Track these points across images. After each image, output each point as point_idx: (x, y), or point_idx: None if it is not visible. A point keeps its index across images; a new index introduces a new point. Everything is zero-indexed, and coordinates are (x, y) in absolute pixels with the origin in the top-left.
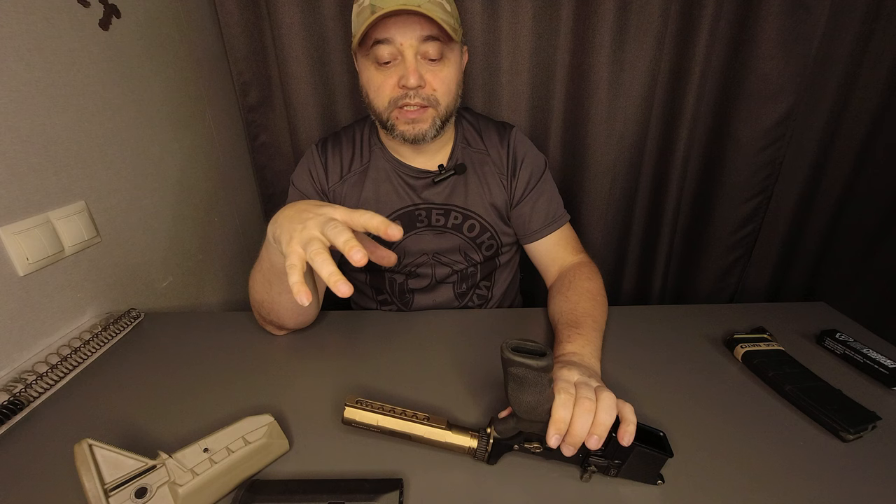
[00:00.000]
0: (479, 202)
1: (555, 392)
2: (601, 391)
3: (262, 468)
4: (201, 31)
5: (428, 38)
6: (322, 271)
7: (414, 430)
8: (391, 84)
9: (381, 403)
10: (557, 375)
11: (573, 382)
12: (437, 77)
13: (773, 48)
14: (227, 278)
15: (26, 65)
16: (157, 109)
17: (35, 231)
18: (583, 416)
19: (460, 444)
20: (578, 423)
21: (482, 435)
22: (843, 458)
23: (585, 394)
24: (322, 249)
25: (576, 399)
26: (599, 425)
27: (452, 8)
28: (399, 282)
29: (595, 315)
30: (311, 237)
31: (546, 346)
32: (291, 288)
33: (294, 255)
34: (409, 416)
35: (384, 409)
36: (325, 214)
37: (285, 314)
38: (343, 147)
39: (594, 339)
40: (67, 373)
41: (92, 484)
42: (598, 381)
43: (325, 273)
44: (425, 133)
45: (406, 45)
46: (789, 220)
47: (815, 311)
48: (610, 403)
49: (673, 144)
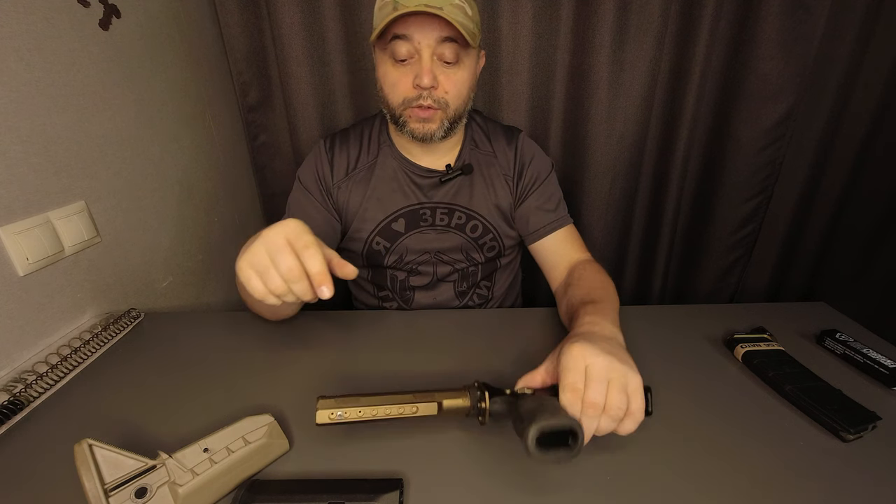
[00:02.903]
0: (484, 203)
1: (560, 392)
2: (613, 387)
3: (262, 468)
4: (201, 31)
5: (446, 39)
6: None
7: (400, 408)
8: (407, 83)
9: (355, 395)
10: (565, 364)
11: (581, 375)
12: (451, 80)
13: (773, 48)
14: (228, 278)
15: (26, 65)
16: (157, 109)
17: (35, 231)
18: (589, 422)
19: (455, 403)
20: (585, 426)
21: (472, 388)
22: (843, 458)
23: (593, 396)
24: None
25: (582, 404)
26: (602, 430)
27: (474, 12)
28: (401, 279)
29: (612, 299)
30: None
31: (573, 420)
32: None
33: (258, 293)
34: (390, 396)
35: (360, 401)
36: (274, 235)
37: (263, 312)
38: (350, 143)
39: (612, 313)
40: (67, 373)
41: (92, 484)
42: (616, 355)
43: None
44: (433, 133)
45: (424, 44)
46: (789, 220)
47: (815, 311)
48: (615, 412)
49: (673, 144)
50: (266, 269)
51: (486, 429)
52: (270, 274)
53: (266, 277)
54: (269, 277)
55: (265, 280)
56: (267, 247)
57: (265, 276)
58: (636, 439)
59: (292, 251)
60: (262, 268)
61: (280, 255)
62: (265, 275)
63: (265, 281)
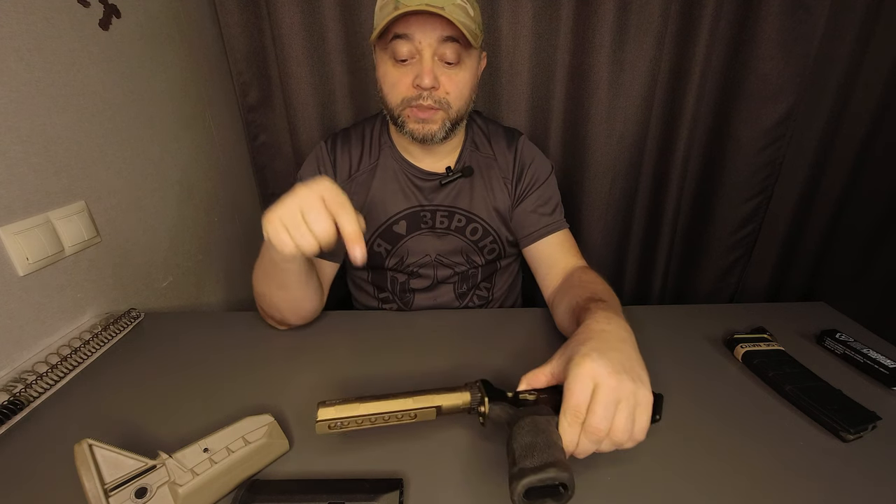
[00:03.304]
0: (483, 206)
1: (561, 413)
2: (621, 412)
3: (262, 468)
4: (201, 31)
5: (447, 39)
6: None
7: (401, 407)
8: (406, 83)
9: (355, 402)
10: (572, 381)
11: (586, 397)
12: (452, 80)
13: (773, 48)
14: (227, 278)
15: (26, 65)
16: (157, 109)
17: (35, 231)
18: (589, 446)
19: (454, 402)
20: (582, 449)
21: (472, 386)
22: (843, 458)
23: (598, 423)
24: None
25: (584, 429)
26: (601, 451)
27: (476, 13)
28: (401, 281)
29: (618, 303)
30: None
31: (562, 475)
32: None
33: (286, 246)
34: (390, 401)
35: (359, 408)
36: (309, 191)
37: (285, 309)
38: (352, 144)
39: (622, 313)
40: (67, 373)
41: (92, 484)
42: (629, 372)
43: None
44: (434, 134)
45: (425, 44)
46: (789, 220)
47: (815, 311)
48: (619, 438)
49: (673, 144)
50: (298, 224)
51: (486, 429)
52: (301, 230)
53: (296, 233)
54: (301, 234)
55: (294, 235)
56: (300, 203)
57: (296, 231)
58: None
59: (326, 209)
60: (294, 223)
61: (313, 213)
62: (296, 230)
63: (294, 236)
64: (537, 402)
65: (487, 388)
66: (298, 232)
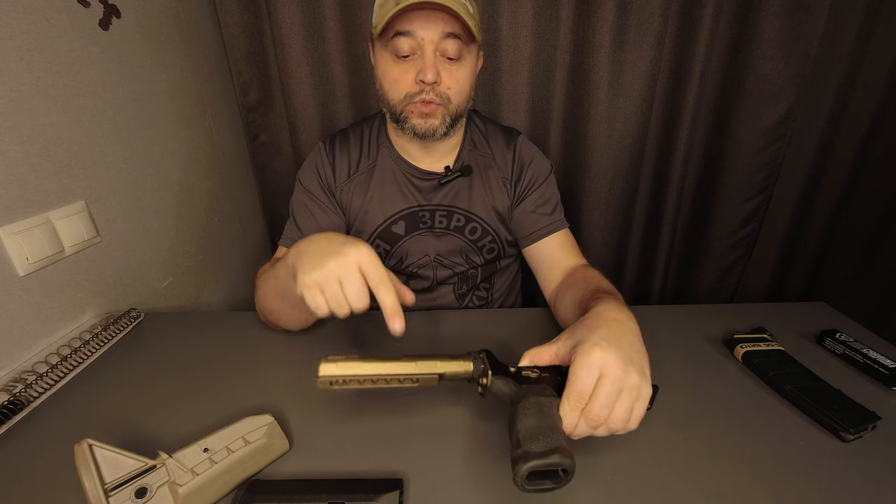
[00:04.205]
0: (482, 205)
1: (563, 396)
2: (622, 402)
3: (262, 468)
4: (201, 31)
5: (449, 34)
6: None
7: (404, 370)
8: (409, 79)
9: (359, 356)
10: (578, 366)
11: (590, 385)
12: (453, 76)
13: (773, 48)
14: (228, 278)
15: (26, 65)
16: (157, 109)
17: (35, 231)
18: (586, 430)
19: (456, 370)
20: (579, 432)
21: (475, 356)
22: (843, 458)
23: (599, 410)
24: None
25: (585, 414)
26: (596, 435)
27: (475, 10)
28: (401, 282)
29: (618, 294)
30: (329, 288)
31: (565, 460)
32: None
33: (320, 310)
34: (395, 359)
35: (365, 358)
36: (348, 261)
37: (294, 324)
38: (351, 145)
39: (622, 302)
40: (67, 373)
41: (92, 484)
42: (635, 364)
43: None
44: (436, 129)
45: (427, 39)
46: (789, 220)
47: (815, 311)
48: (616, 426)
49: (673, 144)
50: (335, 294)
51: (487, 429)
52: (339, 299)
53: (333, 300)
54: (338, 302)
55: (330, 301)
56: (339, 272)
57: (332, 299)
58: (636, 439)
59: (363, 279)
60: (332, 292)
61: (350, 282)
62: (333, 298)
63: (330, 301)
64: (539, 380)
65: (490, 360)
66: (336, 300)
